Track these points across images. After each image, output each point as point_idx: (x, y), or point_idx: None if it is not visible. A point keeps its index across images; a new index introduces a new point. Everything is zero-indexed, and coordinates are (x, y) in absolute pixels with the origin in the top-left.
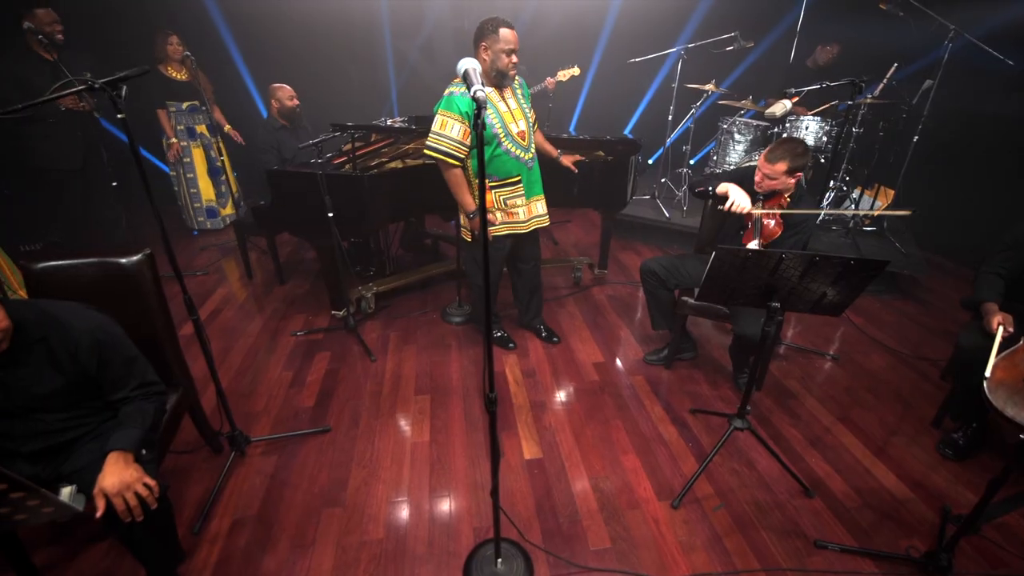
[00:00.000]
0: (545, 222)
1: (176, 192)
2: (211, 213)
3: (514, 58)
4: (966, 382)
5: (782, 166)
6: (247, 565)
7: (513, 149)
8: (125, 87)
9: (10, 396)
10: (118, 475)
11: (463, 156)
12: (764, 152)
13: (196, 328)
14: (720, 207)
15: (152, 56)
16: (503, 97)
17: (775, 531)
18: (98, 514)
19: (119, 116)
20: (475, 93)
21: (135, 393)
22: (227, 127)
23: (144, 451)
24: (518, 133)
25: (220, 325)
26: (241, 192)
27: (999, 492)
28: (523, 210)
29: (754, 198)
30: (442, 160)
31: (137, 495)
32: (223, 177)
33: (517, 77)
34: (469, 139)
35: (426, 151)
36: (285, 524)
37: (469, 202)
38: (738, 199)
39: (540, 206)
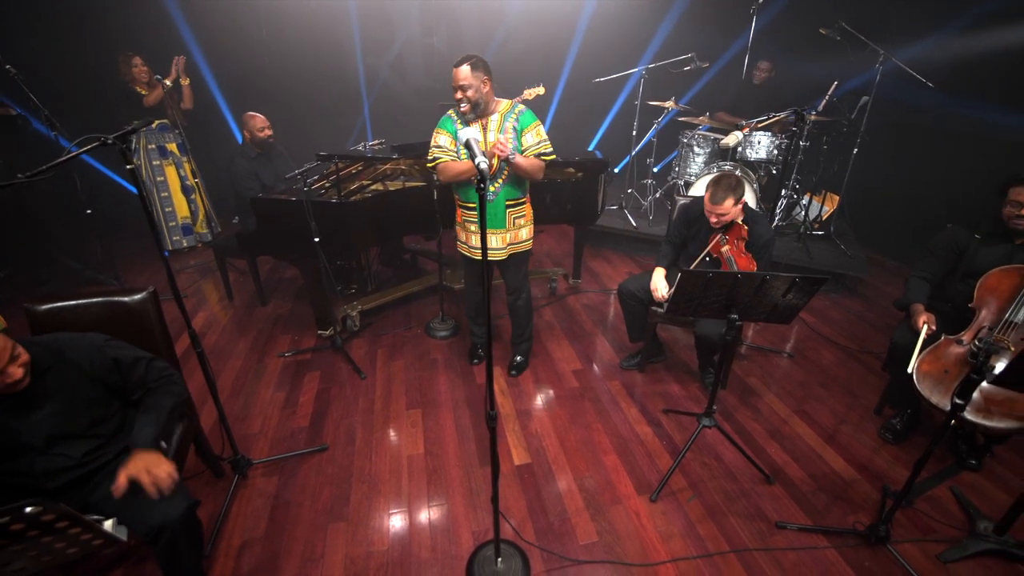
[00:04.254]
0: (500, 256)
1: (149, 212)
2: (186, 230)
3: (458, 94)
4: (900, 374)
5: (729, 203)
6: None
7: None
8: (134, 139)
9: (32, 430)
10: (142, 462)
11: (446, 156)
12: (706, 198)
13: (201, 361)
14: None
15: (118, 79)
16: (484, 128)
17: (742, 516)
18: (116, 486)
19: (128, 167)
20: (479, 164)
21: (156, 384)
22: (185, 81)
23: (163, 444)
24: (486, 167)
25: (206, 349)
26: (212, 210)
27: (927, 468)
28: (476, 237)
29: (710, 232)
30: (438, 164)
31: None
32: (193, 196)
33: (515, 114)
34: (454, 147)
35: (428, 164)
36: (293, 541)
37: (466, 165)
38: (660, 289)
39: (496, 240)
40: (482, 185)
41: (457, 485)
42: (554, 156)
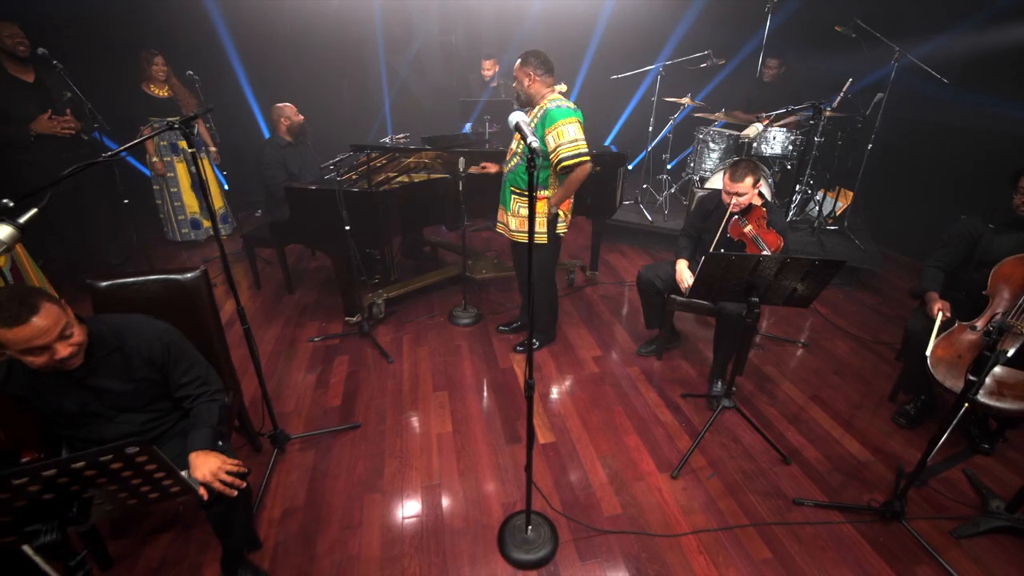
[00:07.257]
0: (505, 232)
1: (159, 204)
2: (195, 224)
3: (514, 84)
4: (914, 360)
5: (749, 181)
6: (304, 545)
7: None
8: (199, 126)
9: (101, 399)
10: (206, 466)
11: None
12: (726, 177)
13: (247, 338)
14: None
15: (136, 74)
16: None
17: (760, 493)
18: (205, 497)
19: (189, 151)
20: (531, 144)
21: (198, 391)
22: (212, 148)
23: (220, 443)
24: (510, 149)
25: (239, 333)
26: (228, 206)
27: (941, 451)
28: (499, 212)
29: (729, 218)
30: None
31: (230, 475)
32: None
33: (540, 110)
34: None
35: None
36: (332, 510)
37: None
38: (686, 279)
39: (507, 218)
40: (533, 163)
41: (485, 461)
42: (578, 160)
